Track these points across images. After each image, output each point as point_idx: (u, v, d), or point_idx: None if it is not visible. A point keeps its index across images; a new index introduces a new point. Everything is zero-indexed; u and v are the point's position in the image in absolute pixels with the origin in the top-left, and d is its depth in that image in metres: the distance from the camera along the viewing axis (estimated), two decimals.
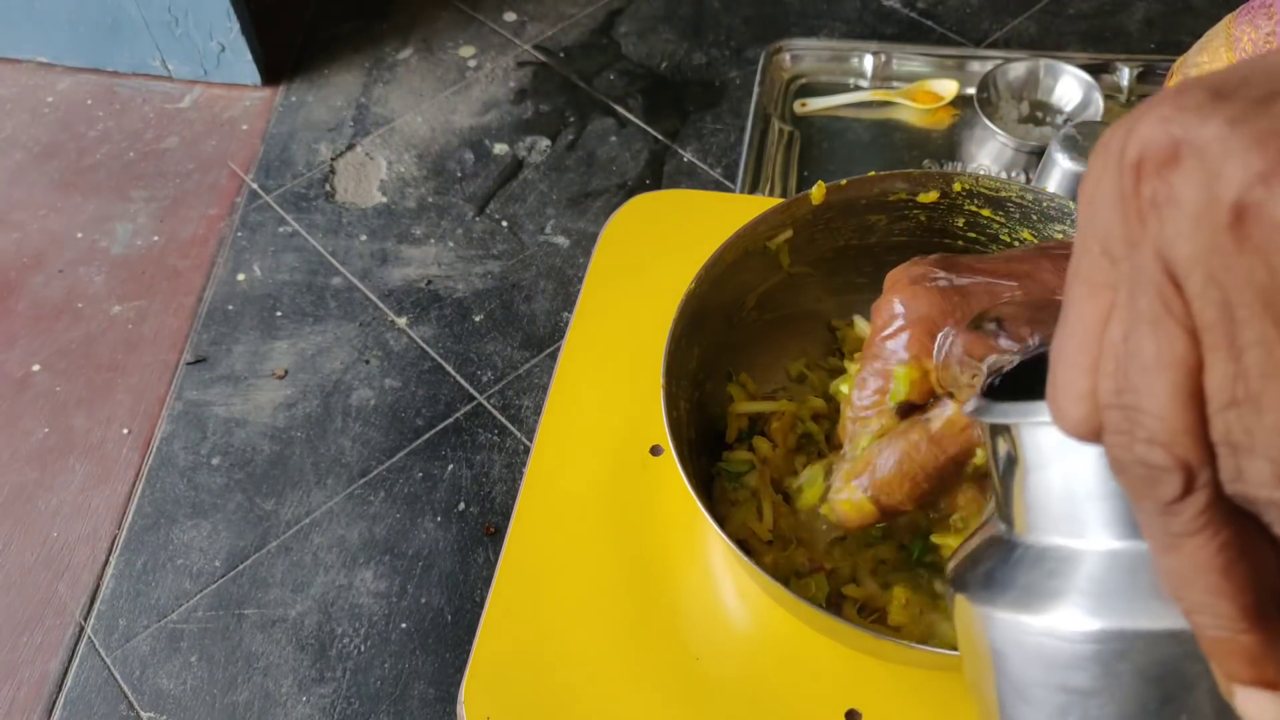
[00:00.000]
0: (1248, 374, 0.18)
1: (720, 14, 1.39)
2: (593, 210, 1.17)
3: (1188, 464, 0.19)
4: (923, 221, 0.52)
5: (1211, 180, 0.17)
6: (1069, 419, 0.21)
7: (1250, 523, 0.19)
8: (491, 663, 0.48)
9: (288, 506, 0.94)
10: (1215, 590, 0.19)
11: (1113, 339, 0.20)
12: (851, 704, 0.45)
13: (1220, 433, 0.18)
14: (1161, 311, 0.19)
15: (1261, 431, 0.18)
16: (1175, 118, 0.18)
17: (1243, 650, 0.19)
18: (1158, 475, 0.19)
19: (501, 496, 0.94)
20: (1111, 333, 0.20)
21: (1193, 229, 0.18)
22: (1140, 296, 0.19)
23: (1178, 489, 0.19)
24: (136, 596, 0.89)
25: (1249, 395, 0.18)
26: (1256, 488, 0.18)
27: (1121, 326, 0.20)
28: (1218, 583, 0.19)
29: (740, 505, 0.49)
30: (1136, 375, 0.19)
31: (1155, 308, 0.19)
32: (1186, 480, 0.19)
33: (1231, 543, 0.19)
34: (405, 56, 1.38)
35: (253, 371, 1.05)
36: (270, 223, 1.19)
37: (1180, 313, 0.19)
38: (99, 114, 1.33)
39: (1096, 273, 0.20)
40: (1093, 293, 0.21)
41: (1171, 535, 0.19)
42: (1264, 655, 0.19)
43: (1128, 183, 0.19)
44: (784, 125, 1.17)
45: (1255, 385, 0.18)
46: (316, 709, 0.82)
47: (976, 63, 1.20)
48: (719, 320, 0.51)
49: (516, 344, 1.05)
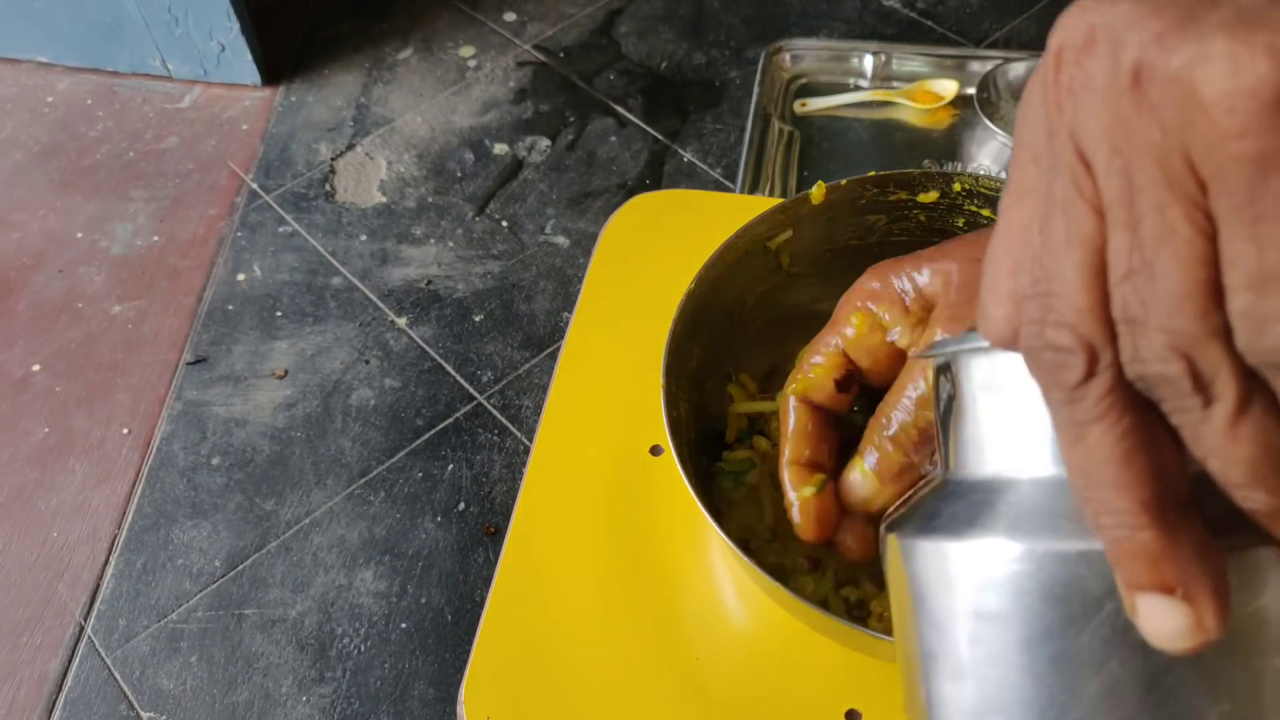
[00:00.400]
0: (1143, 243, 0.18)
1: (720, 14, 1.39)
2: (593, 210, 1.17)
3: (1090, 344, 0.19)
4: (923, 221, 0.52)
5: (1116, 51, 0.18)
6: (992, 322, 0.22)
7: (1152, 416, 0.19)
8: (491, 663, 0.48)
9: (288, 506, 0.94)
10: (1116, 483, 0.19)
11: (1031, 235, 0.20)
12: (851, 704, 0.45)
13: (1119, 308, 0.19)
14: (1072, 193, 0.19)
15: (1154, 300, 0.18)
16: (1091, 6, 0.19)
17: (1142, 549, 0.19)
18: (1064, 359, 0.19)
19: (501, 496, 0.94)
20: (1031, 230, 0.20)
21: (1100, 104, 0.18)
22: (1055, 183, 0.20)
23: (1081, 371, 0.19)
24: (136, 596, 0.89)
25: (1143, 263, 0.18)
26: (1152, 363, 0.18)
27: (1038, 221, 0.20)
28: (1118, 474, 0.19)
29: (740, 505, 0.49)
30: (1049, 260, 0.20)
31: (1067, 190, 0.19)
32: (1090, 361, 0.19)
33: (1132, 431, 0.19)
34: (405, 56, 1.38)
35: (253, 371, 1.05)
36: (270, 223, 1.19)
37: (1089, 192, 0.19)
38: (99, 114, 1.33)
39: (1024, 179, 0.21)
40: (1019, 199, 0.21)
41: (1077, 425, 0.19)
42: (1162, 555, 0.19)
43: (1049, 77, 0.19)
44: (784, 125, 1.17)
45: (1149, 253, 0.18)
46: (316, 709, 0.82)
47: (976, 63, 1.20)
48: (719, 320, 0.51)
49: (516, 344, 1.05)
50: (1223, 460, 0.18)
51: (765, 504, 0.49)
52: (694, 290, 0.47)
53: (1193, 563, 0.19)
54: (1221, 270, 0.17)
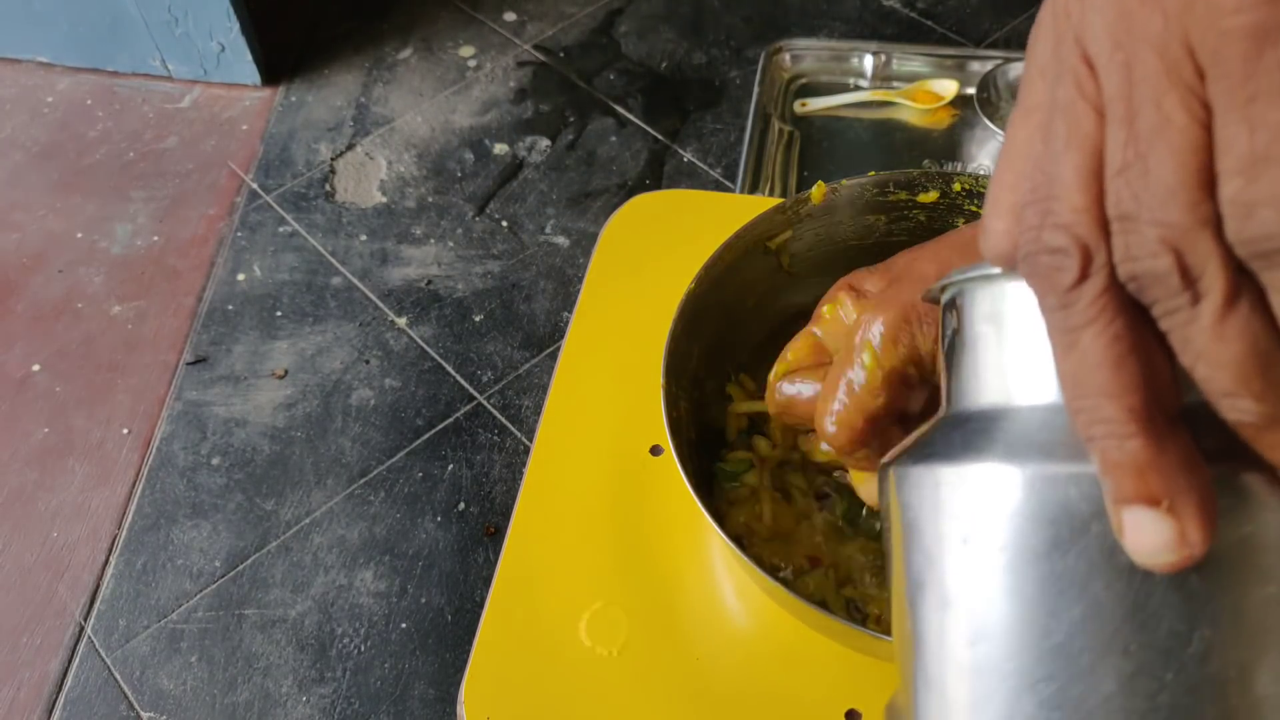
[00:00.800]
0: (1139, 135, 0.18)
1: (720, 14, 1.39)
2: (593, 210, 1.17)
3: (1085, 245, 0.19)
4: (922, 221, 0.52)
5: None
6: (992, 236, 0.22)
7: (1145, 327, 0.19)
8: (491, 663, 0.48)
9: (288, 506, 0.94)
10: (1106, 390, 0.19)
11: (1035, 146, 0.20)
12: (851, 704, 0.45)
13: (1113, 204, 0.19)
14: (1074, 95, 0.19)
15: (1147, 193, 0.18)
16: None
17: (1130, 460, 0.19)
18: (1059, 261, 0.19)
19: (501, 496, 0.94)
20: (1034, 141, 0.20)
21: (1105, 1, 0.18)
22: (1058, 89, 0.20)
23: (1075, 273, 0.19)
24: (136, 597, 0.89)
25: (1138, 155, 0.18)
26: (1143, 259, 0.18)
27: (1042, 131, 0.20)
28: (1108, 380, 0.19)
29: (740, 504, 0.49)
30: (1048, 165, 0.20)
31: (1069, 93, 0.19)
32: (1084, 262, 0.19)
33: (1123, 336, 0.19)
34: (405, 56, 1.38)
35: (253, 371, 1.05)
36: (270, 223, 1.19)
37: (1091, 92, 0.19)
38: (99, 114, 1.33)
39: (1031, 96, 0.21)
40: (1026, 116, 0.21)
41: (1069, 330, 0.19)
42: (1149, 465, 0.19)
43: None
44: (784, 125, 1.17)
45: (1144, 145, 0.18)
46: (316, 709, 0.82)
47: (976, 63, 1.20)
48: (719, 320, 0.51)
49: (516, 344, 1.05)
50: (1210, 364, 0.18)
51: (765, 504, 0.49)
52: (694, 290, 0.47)
53: (1179, 474, 0.19)
54: (1215, 158, 0.17)
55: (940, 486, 0.23)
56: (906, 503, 0.24)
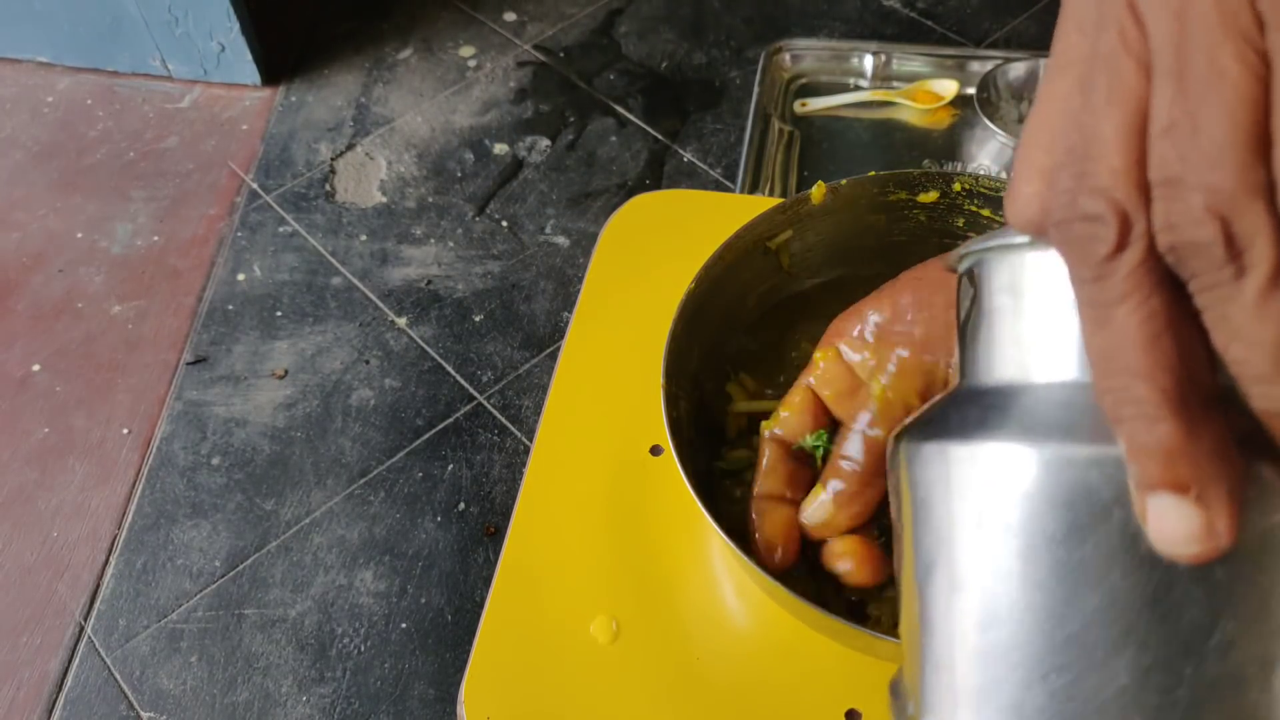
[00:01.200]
0: (1188, 91, 0.17)
1: (720, 14, 1.39)
2: (593, 210, 1.17)
3: (1124, 211, 0.18)
4: (923, 221, 0.52)
5: None
6: (1020, 200, 0.20)
7: (1182, 304, 0.18)
8: (491, 663, 0.48)
9: (288, 506, 0.94)
10: (1138, 370, 0.18)
11: (1072, 102, 0.19)
12: (851, 704, 0.45)
13: (1156, 167, 0.17)
14: (1119, 47, 0.18)
15: (1195, 154, 0.17)
16: None
17: (1159, 444, 0.17)
18: (1094, 230, 0.18)
19: (501, 496, 0.94)
20: (1072, 98, 0.19)
21: None
22: (1101, 40, 0.18)
23: (1112, 242, 0.18)
24: (136, 596, 0.89)
25: (1186, 113, 0.17)
26: (1186, 227, 0.17)
27: (1079, 86, 0.19)
28: (1141, 359, 0.18)
29: (740, 504, 0.49)
30: (1087, 120, 0.18)
31: (1113, 45, 0.18)
32: (1122, 230, 0.18)
33: (1160, 312, 0.18)
34: (405, 56, 1.38)
35: (253, 371, 1.05)
36: (270, 223, 1.19)
37: (1137, 44, 0.18)
38: (99, 114, 1.33)
39: (1068, 50, 0.19)
40: (1061, 71, 0.20)
41: (1103, 305, 0.18)
42: (1180, 451, 0.17)
43: None
44: (784, 125, 1.17)
45: (1193, 101, 0.17)
46: (316, 709, 0.82)
47: (976, 63, 1.20)
48: (719, 320, 0.51)
49: (516, 344, 1.05)
50: (1247, 345, 0.17)
51: None
52: (694, 290, 0.47)
53: (1211, 462, 0.17)
54: (1271, 117, 0.16)
55: (952, 465, 0.22)
56: (917, 480, 0.23)
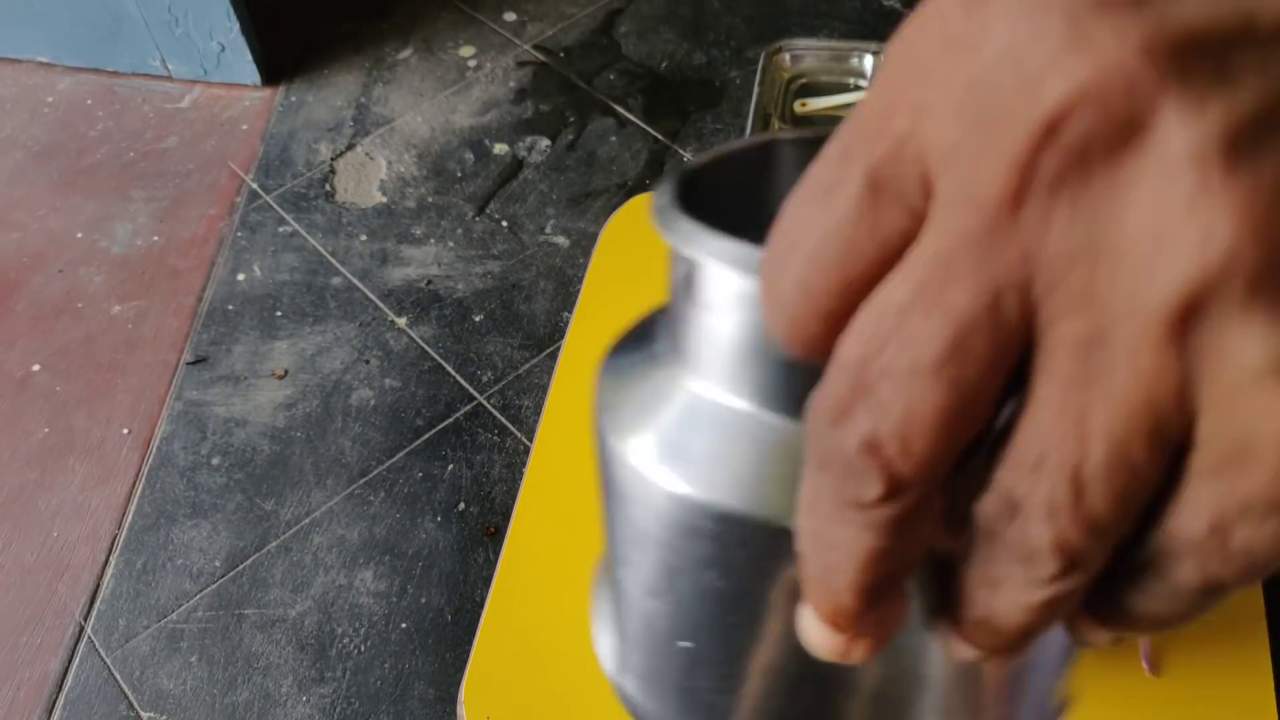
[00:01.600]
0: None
1: (720, 14, 1.39)
2: (593, 210, 1.17)
3: (900, 479, 0.14)
4: None
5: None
6: (786, 310, 0.15)
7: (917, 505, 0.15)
8: (491, 663, 0.48)
9: (288, 506, 0.94)
10: (847, 582, 0.15)
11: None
12: None
13: (1002, 492, 0.14)
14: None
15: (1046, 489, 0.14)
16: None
17: (835, 606, 0.16)
18: (862, 472, 0.14)
19: (501, 496, 0.94)
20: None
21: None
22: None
23: (879, 493, 0.14)
24: (136, 596, 0.89)
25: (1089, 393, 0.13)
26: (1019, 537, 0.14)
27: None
28: (853, 577, 0.15)
29: None
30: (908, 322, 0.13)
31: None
32: (893, 490, 0.14)
33: (890, 550, 0.15)
34: (405, 56, 1.38)
35: (253, 371, 1.05)
36: (270, 223, 1.19)
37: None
38: (99, 114, 1.33)
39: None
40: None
41: (837, 525, 0.15)
42: (850, 620, 0.16)
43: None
44: (784, 125, 1.17)
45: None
46: (316, 709, 0.82)
47: None
48: None
49: (516, 344, 1.05)
50: (979, 629, 0.16)
51: None
52: None
53: (873, 627, 0.16)
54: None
55: (649, 488, 0.20)
56: (618, 479, 0.22)
